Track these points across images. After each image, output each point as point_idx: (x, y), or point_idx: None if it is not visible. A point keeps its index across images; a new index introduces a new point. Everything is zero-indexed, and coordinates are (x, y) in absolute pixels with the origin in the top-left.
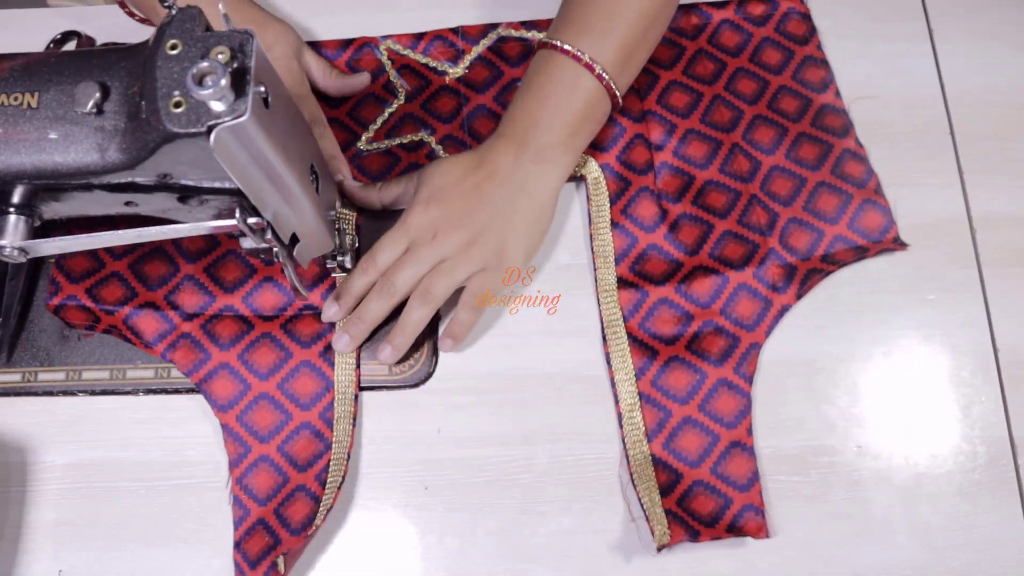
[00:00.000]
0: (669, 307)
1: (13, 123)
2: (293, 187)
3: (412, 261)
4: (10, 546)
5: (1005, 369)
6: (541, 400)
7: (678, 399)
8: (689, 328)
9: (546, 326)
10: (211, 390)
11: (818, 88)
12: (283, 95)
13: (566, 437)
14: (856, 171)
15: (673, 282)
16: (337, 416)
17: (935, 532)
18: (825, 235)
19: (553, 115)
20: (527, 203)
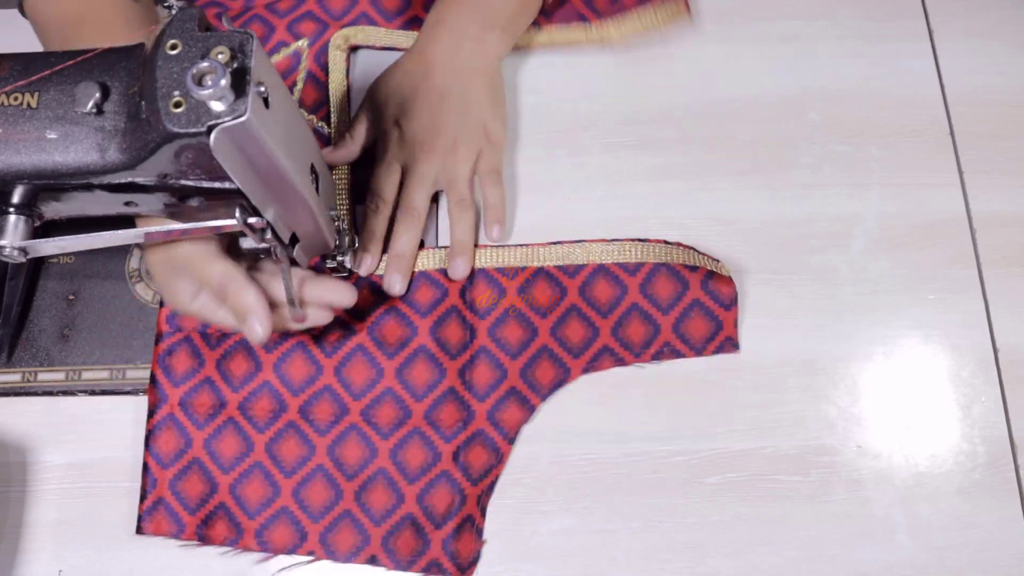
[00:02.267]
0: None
1: (13, 123)
2: (293, 187)
3: (417, 182)
4: (10, 546)
5: (1005, 369)
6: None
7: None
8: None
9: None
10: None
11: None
12: (283, 95)
13: (567, 437)
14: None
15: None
16: None
17: (935, 532)
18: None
19: (493, 2)
20: (481, 80)
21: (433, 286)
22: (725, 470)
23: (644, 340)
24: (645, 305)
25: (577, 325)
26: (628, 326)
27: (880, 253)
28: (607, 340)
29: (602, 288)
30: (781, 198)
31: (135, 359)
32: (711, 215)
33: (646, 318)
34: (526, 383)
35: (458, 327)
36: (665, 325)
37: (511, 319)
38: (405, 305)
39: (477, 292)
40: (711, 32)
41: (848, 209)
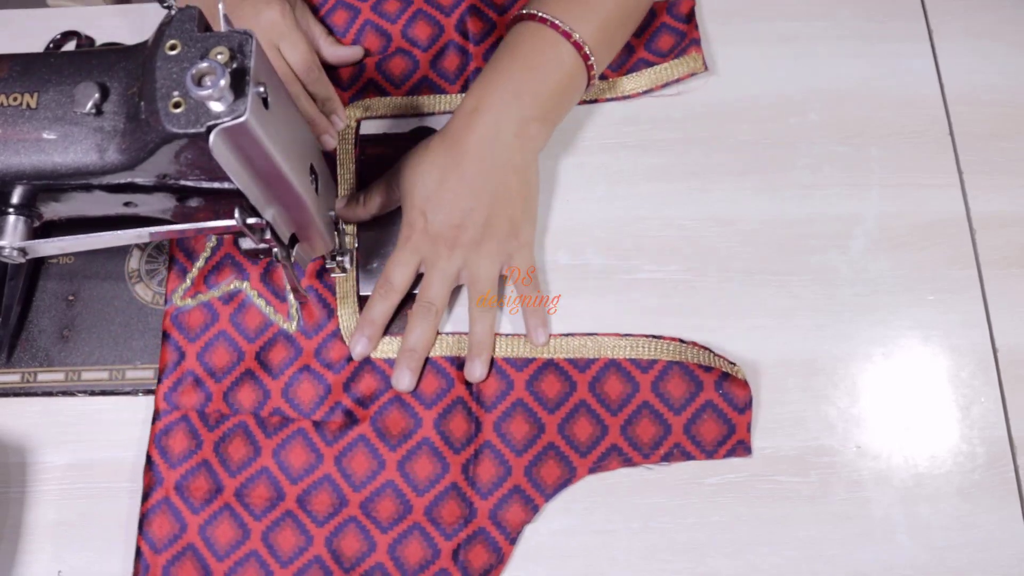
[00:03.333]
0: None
1: (12, 123)
2: (293, 187)
3: (438, 277)
4: (10, 546)
5: (1005, 369)
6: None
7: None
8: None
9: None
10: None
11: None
12: (282, 96)
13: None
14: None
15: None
16: None
17: (935, 532)
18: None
19: (536, 87)
20: (517, 179)
21: (439, 375)
22: (725, 470)
23: (654, 440)
24: (657, 404)
25: (585, 422)
26: (638, 425)
27: (880, 253)
28: (616, 439)
29: (613, 384)
30: (781, 198)
31: (135, 359)
32: (711, 215)
33: (657, 417)
34: (531, 482)
35: (463, 420)
36: (676, 426)
37: (518, 413)
38: (410, 395)
39: (484, 383)
40: (711, 32)
41: (848, 209)
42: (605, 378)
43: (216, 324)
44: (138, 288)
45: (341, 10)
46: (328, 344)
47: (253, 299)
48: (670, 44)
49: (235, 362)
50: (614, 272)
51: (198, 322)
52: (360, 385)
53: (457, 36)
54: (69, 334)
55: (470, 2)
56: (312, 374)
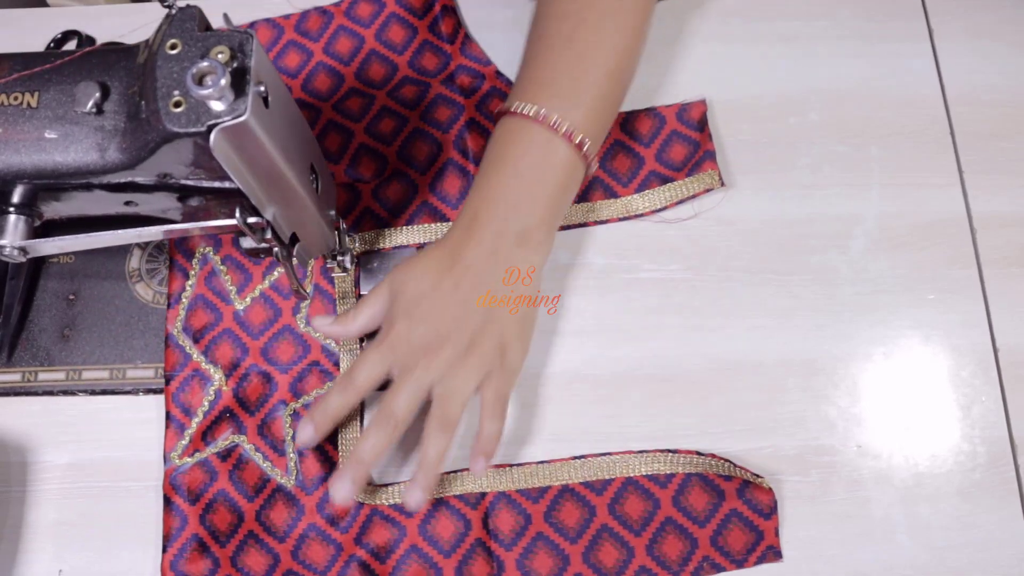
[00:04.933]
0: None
1: (13, 123)
2: (293, 187)
3: (408, 386)
4: (10, 546)
5: (1005, 369)
6: (542, 400)
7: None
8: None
9: (546, 326)
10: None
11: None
12: (283, 95)
13: (566, 437)
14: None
15: None
16: None
17: (935, 532)
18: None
19: (533, 193)
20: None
21: (455, 518)
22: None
23: (682, 556)
24: (680, 519)
25: (610, 547)
26: (664, 543)
27: (880, 253)
28: (643, 560)
29: (633, 504)
30: (781, 198)
31: (135, 359)
32: (711, 215)
33: (682, 533)
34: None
35: (484, 563)
36: (703, 538)
37: (540, 548)
38: (427, 544)
39: (501, 520)
40: (711, 32)
41: (848, 209)
42: (624, 498)
43: (215, 483)
44: (139, 287)
45: (333, 134)
46: (329, 499)
47: (250, 453)
48: (683, 155)
49: (237, 524)
50: (614, 271)
51: (197, 482)
52: (372, 537)
53: (456, 155)
54: (70, 333)
55: (469, 116)
56: (319, 533)
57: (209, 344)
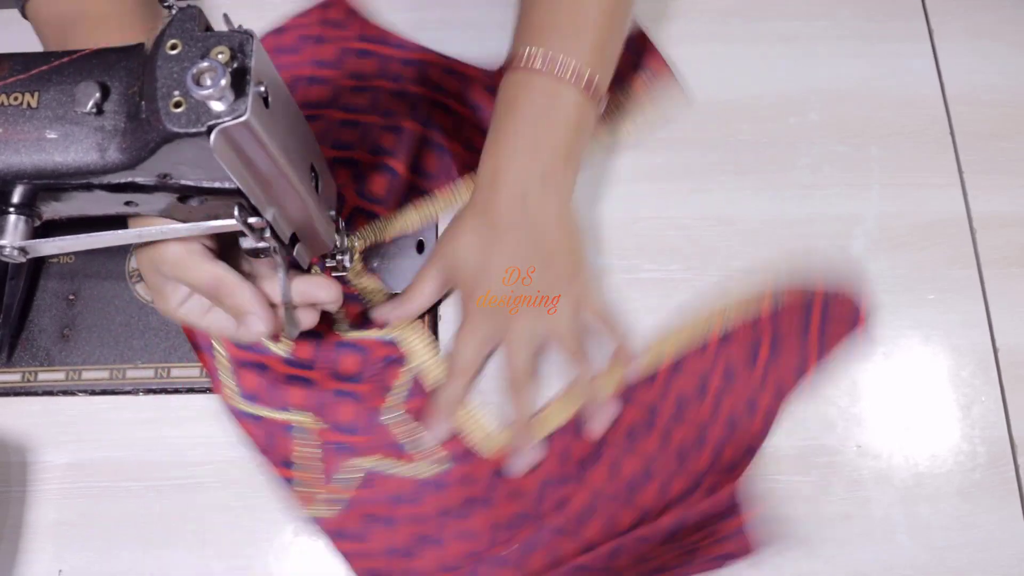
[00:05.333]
0: None
1: (13, 123)
2: (293, 187)
3: (518, 346)
4: (10, 546)
5: (1005, 369)
6: (541, 400)
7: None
8: None
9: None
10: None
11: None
12: (283, 95)
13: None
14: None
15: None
16: None
17: (935, 532)
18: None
19: (548, 137)
20: (555, 227)
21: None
22: None
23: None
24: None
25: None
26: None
27: (880, 253)
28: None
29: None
30: (781, 198)
31: (135, 359)
32: (711, 215)
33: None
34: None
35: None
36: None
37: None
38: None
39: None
40: (711, 32)
41: (848, 209)
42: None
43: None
44: (139, 287)
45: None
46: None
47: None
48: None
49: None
50: (614, 272)
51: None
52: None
53: (425, 131)
54: (70, 333)
55: (421, 94)
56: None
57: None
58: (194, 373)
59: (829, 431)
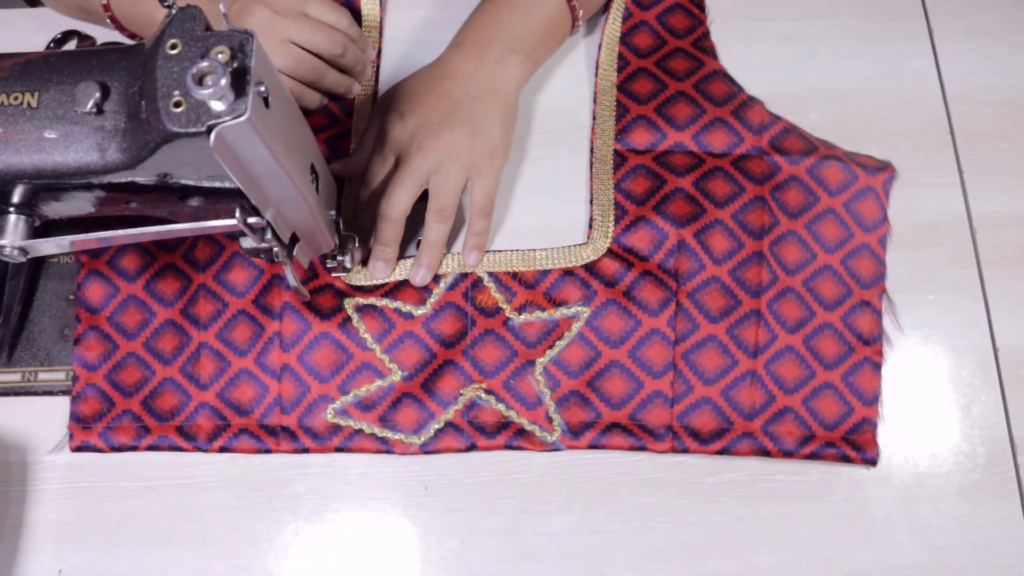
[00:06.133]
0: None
1: (13, 123)
2: (293, 187)
3: (407, 177)
4: (10, 546)
5: (1005, 369)
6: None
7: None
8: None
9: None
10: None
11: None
12: (283, 95)
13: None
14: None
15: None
16: None
17: (935, 532)
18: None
19: (519, 25)
20: (496, 100)
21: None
22: (725, 470)
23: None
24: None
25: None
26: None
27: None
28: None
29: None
30: None
31: None
32: None
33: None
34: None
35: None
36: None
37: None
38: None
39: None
40: (711, 32)
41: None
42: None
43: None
44: None
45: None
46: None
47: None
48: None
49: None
50: None
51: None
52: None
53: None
54: (70, 333)
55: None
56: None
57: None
58: None
59: None
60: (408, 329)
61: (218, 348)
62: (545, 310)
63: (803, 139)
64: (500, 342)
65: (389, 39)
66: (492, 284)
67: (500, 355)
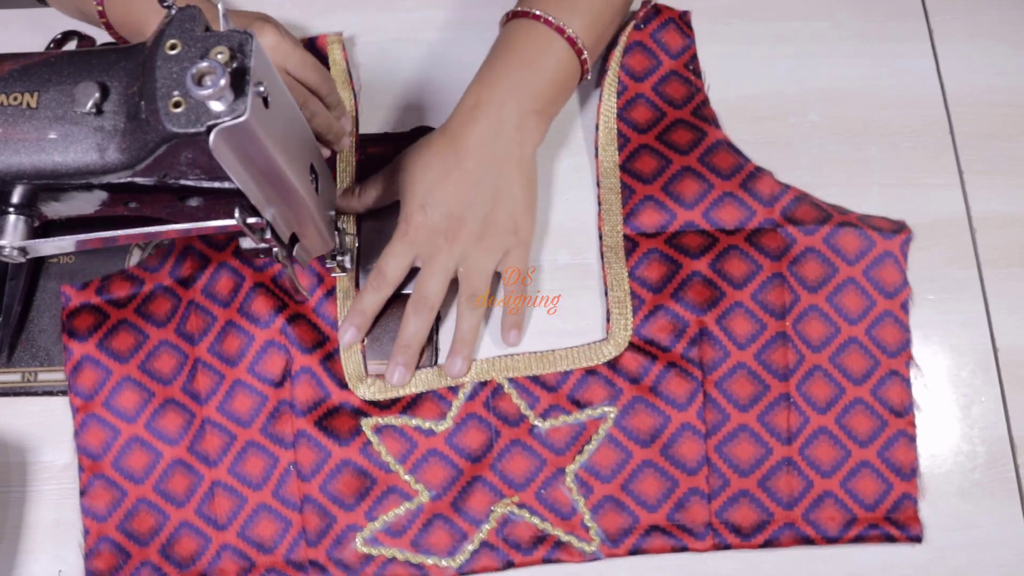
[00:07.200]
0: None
1: (13, 123)
2: (293, 187)
3: (437, 271)
4: (10, 546)
5: (1005, 369)
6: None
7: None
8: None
9: (546, 326)
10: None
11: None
12: (283, 95)
13: None
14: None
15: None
16: None
17: (935, 532)
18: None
19: (534, 82)
20: (518, 173)
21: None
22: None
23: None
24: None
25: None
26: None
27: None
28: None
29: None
30: None
31: None
32: None
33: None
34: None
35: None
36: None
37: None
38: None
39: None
40: (711, 32)
41: (848, 209)
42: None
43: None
44: None
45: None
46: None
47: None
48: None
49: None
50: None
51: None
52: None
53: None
54: None
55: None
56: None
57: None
58: None
59: None
60: (431, 446)
61: (232, 484)
62: (571, 413)
63: (816, 207)
64: (528, 452)
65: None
66: (513, 390)
67: (529, 466)
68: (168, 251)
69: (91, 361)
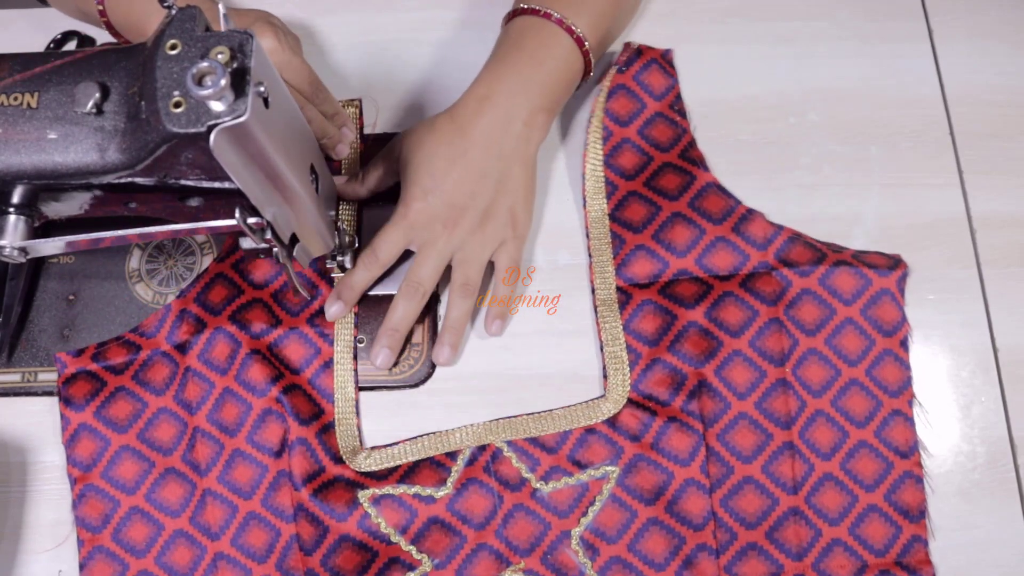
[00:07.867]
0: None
1: (13, 123)
2: (293, 187)
3: (432, 257)
4: (10, 546)
5: (1005, 369)
6: (540, 400)
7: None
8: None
9: (546, 326)
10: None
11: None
12: (283, 95)
13: None
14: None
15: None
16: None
17: (935, 532)
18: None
19: (543, 78)
20: (520, 170)
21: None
22: None
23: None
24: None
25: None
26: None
27: None
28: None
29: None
30: (781, 198)
31: None
32: None
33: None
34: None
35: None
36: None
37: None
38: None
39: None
40: (711, 32)
41: (848, 209)
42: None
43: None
44: (138, 288)
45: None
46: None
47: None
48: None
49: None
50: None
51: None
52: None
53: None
54: (69, 334)
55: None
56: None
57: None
58: None
59: None
60: (432, 514)
61: (236, 557)
62: (572, 475)
63: (809, 247)
64: (531, 516)
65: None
66: (512, 454)
67: (533, 530)
68: (164, 315)
69: (88, 430)
